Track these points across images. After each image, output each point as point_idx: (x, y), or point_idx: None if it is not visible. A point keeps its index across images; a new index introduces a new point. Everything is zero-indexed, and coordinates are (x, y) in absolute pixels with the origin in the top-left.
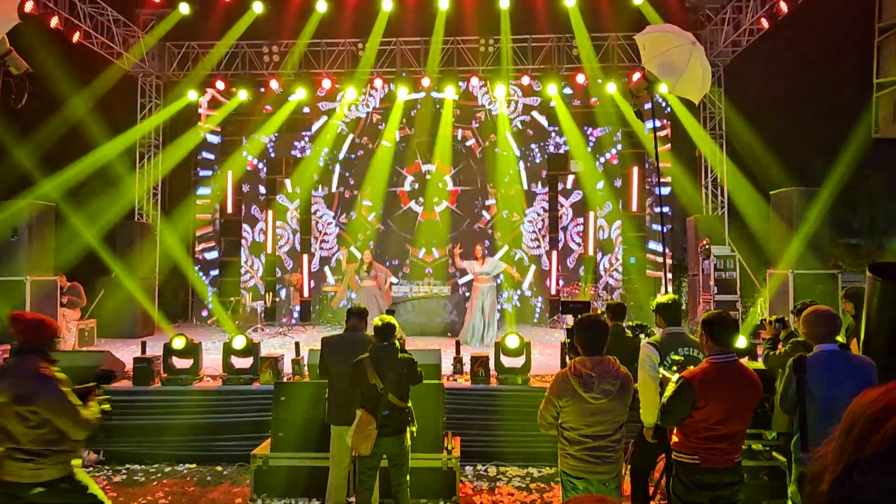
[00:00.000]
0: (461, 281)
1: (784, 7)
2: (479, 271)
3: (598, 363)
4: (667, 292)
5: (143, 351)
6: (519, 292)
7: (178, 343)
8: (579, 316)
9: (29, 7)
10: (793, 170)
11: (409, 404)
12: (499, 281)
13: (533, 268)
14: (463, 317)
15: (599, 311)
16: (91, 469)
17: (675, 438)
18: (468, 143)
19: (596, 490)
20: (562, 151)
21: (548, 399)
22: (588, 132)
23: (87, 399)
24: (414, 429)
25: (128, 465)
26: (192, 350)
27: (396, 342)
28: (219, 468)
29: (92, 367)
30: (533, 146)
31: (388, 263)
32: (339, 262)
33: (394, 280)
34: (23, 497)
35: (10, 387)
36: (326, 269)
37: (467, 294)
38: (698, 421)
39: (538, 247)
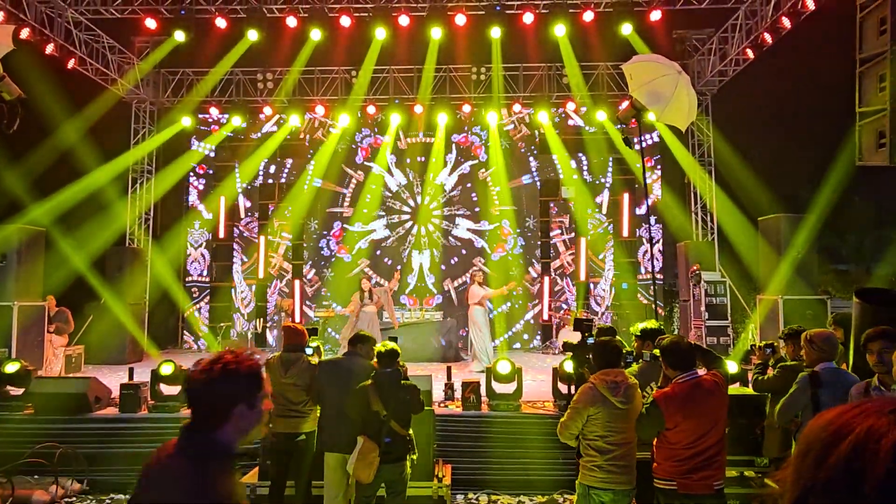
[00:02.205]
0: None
1: (768, 38)
2: (475, 293)
3: (618, 373)
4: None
5: (131, 377)
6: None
7: (166, 369)
8: (597, 340)
9: (25, 34)
10: (780, 196)
11: (411, 432)
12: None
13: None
14: (454, 342)
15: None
16: (74, 499)
17: (654, 464)
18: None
19: (620, 501)
20: (552, 177)
21: (575, 410)
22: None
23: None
24: (414, 457)
25: (112, 495)
26: (180, 376)
27: (398, 369)
28: None
29: (78, 395)
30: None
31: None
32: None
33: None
34: (290, 443)
35: (294, 374)
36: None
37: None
38: (675, 443)
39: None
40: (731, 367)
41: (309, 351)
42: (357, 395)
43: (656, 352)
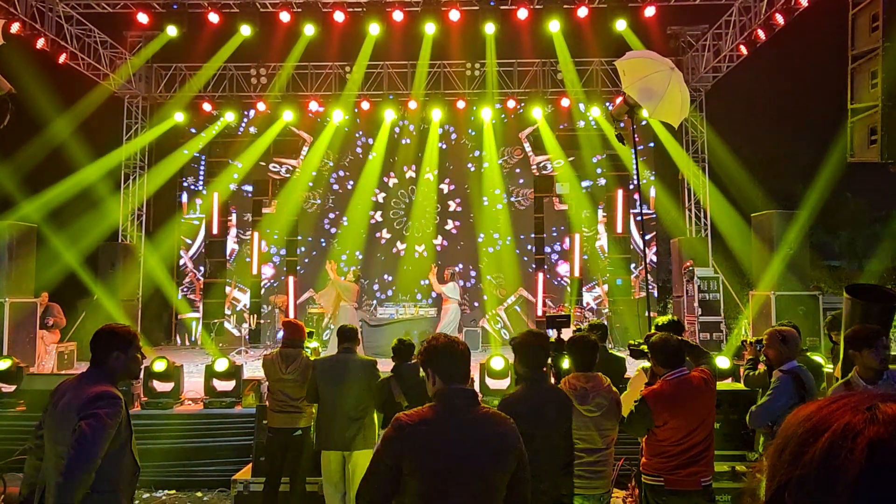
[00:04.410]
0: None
1: (762, 34)
2: (441, 291)
3: (590, 378)
4: (665, 313)
5: None
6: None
7: (159, 366)
8: (571, 336)
9: (15, 28)
10: (773, 193)
11: None
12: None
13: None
14: None
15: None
16: None
17: (643, 460)
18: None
19: None
20: (547, 173)
21: None
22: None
23: None
24: None
25: None
26: (174, 373)
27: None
28: (199, 494)
29: None
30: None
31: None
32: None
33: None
34: (287, 439)
35: (294, 370)
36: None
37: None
38: (664, 440)
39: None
40: (724, 362)
41: (308, 352)
42: (380, 387)
43: (644, 348)
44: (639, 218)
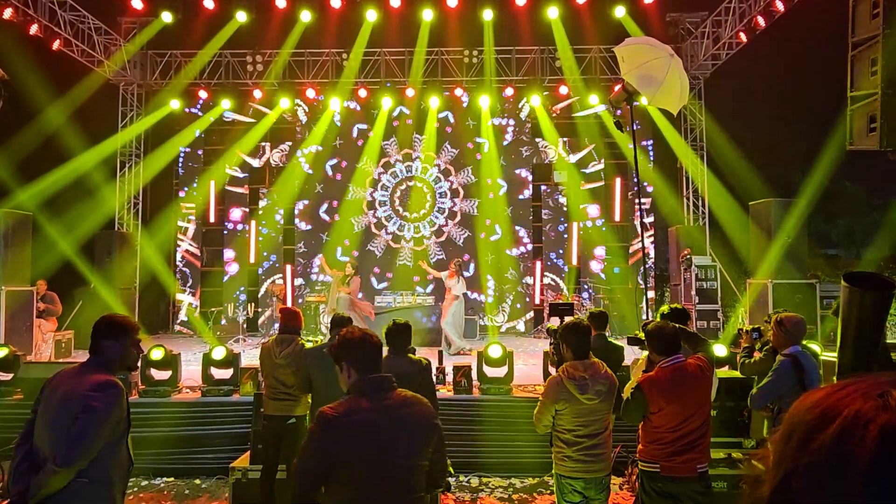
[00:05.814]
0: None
1: (762, 21)
2: (446, 284)
3: (588, 366)
4: (662, 301)
5: None
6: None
7: (157, 354)
8: (564, 321)
9: (7, 14)
10: (771, 181)
11: None
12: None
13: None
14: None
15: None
16: None
17: (639, 447)
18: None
19: (593, 488)
20: (546, 162)
21: (544, 404)
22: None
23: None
24: None
25: None
26: (171, 361)
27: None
28: (197, 481)
29: None
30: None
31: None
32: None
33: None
34: (281, 427)
35: (287, 355)
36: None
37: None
38: (659, 426)
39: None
40: (720, 350)
41: (309, 344)
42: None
43: (641, 335)
44: (639, 209)
